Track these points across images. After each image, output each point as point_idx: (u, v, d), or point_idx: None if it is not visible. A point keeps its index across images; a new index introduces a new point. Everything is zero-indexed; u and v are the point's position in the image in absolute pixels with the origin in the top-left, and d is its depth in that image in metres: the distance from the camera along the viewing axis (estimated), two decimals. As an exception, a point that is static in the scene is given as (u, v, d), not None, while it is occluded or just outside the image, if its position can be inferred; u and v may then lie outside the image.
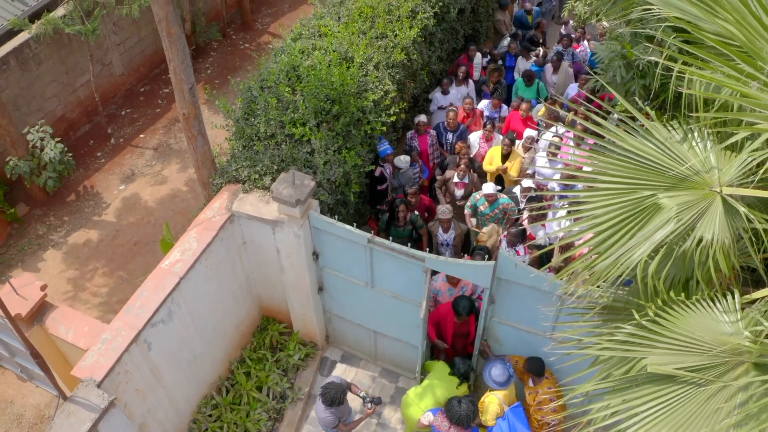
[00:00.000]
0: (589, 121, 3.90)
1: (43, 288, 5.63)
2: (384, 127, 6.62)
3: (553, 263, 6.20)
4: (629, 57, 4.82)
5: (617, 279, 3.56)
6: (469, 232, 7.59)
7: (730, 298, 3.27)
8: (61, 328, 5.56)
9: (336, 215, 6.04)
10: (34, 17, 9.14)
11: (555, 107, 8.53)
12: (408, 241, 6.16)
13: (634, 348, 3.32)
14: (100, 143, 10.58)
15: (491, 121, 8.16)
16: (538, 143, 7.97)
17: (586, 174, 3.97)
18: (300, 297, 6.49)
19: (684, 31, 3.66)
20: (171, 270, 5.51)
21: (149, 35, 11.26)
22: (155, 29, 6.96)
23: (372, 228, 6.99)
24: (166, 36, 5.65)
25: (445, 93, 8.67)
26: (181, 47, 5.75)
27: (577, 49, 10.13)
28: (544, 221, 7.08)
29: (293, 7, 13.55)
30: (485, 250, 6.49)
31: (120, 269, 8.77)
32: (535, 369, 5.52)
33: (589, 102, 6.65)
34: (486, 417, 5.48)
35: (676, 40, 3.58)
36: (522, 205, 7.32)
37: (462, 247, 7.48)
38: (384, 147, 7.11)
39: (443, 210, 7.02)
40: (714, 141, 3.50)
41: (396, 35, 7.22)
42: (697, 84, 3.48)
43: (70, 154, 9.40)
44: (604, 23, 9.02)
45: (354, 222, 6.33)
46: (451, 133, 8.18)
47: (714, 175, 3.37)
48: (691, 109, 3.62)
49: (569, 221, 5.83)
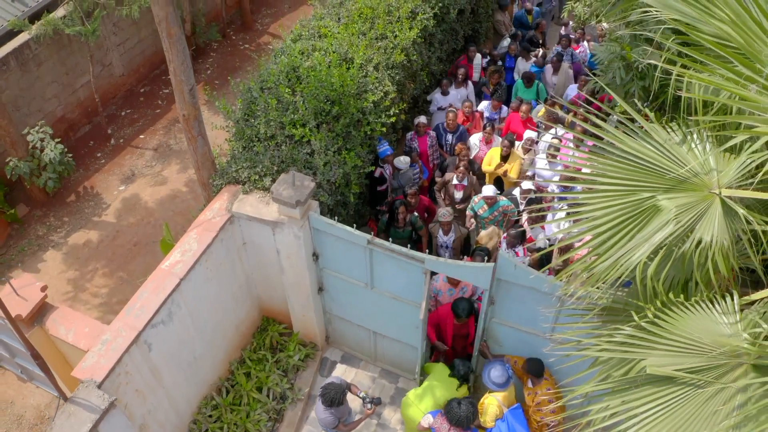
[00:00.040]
0: (589, 123, 3.91)
1: (44, 289, 5.64)
2: (384, 128, 6.62)
3: (553, 264, 6.20)
4: (628, 59, 4.83)
5: (616, 280, 3.57)
6: (469, 235, 7.60)
7: (729, 299, 3.27)
8: (62, 329, 5.58)
9: (336, 216, 6.05)
10: (34, 18, 9.15)
11: (555, 109, 8.53)
12: (408, 242, 6.18)
13: (633, 349, 3.33)
14: (100, 144, 10.59)
15: (491, 123, 8.16)
16: (537, 145, 7.97)
17: (585, 176, 3.98)
18: (300, 298, 6.49)
19: (683, 34, 3.67)
20: (171, 271, 5.51)
21: (149, 36, 11.26)
22: (155, 30, 6.97)
23: (372, 229, 6.99)
24: (166, 37, 5.66)
25: (445, 94, 8.67)
26: (181, 48, 5.76)
27: (577, 50, 10.13)
28: (543, 223, 7.09)
29: (293, 8, 13.55)
30: (485, 251, 6.49)
31: (120, 270, 8.78)
32: (535, 370, 5.53)
33: (589, 104, 6.66)
34: (485, 418, 5.48)
35: (674, 42, 3.59)
36: (522, 207, 7.32)
37: (461, 250, 7.48)
38: (384, 148, 7.11)
39: (444, 213, 7.01)
40: (713, 143, 3.51)
41: (396, 36, 7.23)
42: (696, 87, 3.49)
43: (70, 154, 9.41)
44: (603, 24, 9.02)
45: (354, 223, 6.33)
46: (451, 134, 8.18)
47: (713, 177, 3.38)
48: (691, 112, 3.63)
49: (569, 223, 5.84)
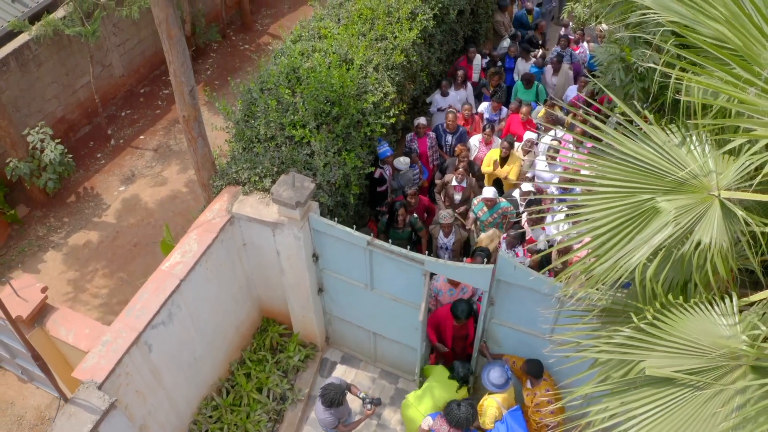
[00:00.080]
0: (588, 125, 3.92)
1: (44, 290, 5.64)
2: (384, 129, 6.62)
3: (554, 265, 6.21)
4: (628, 60, 4.83)
5: (616, 282, 3.57)
6: (469, 238, 7.60)
7: (728, 301, 3.28)
8: (62, 330, 5.58)
9: (336, 217, 6.05)
10: (34, 19, 9.15)
11: (554, 110, 8.53)
12: (407, 243, 6.19)
13: (632, 351, 3.33)
14: (100, 144, 10.59)
15: (491, 125, 8.16)
16: (537, 146, 7.97)
17: (584, 177, 3.98)
18: (300, 298, 6.50)
19: (682, 36, 3.67)
20: (171, 272, 5.52)
21: (149, 36, 11.26)
22: (155, 30, 6.96)
23: (372, 229, 7.00)
24: (166, 38, 5.66)
25: (444, 95, 8.67)
26: (182, 49, 5.76)
27: (577, 51, 10.13)
28: (543, 224, 7.09)
29: (293, 8, 13.56)
30: (486, 251, 6.49)
31: (120, 270, 8.78)
32: (534, 371, 5.53)
33: (588, 105, 6.67)
34: (484, 419, 5.48)
35: (674, 44, 3.60)
36: (521, 209, 7.32)
37: (461, 252, 7.49)
38: (384, 149, 7.12)
39: (445, 215, 7.01)
40: (712, 145, 3.52)
41: (396, 37, 7.23)
42: (695, 89, 3.49)
43: (70, 155, 9.42)
44: (602, 26, 9.02)
45: (354, 223, 6.34)
46: (451, 135, 8.19)
47: (712, 179, 3.39)
48: (690, 114, 3.63)
49: (568, 225, 5.84)
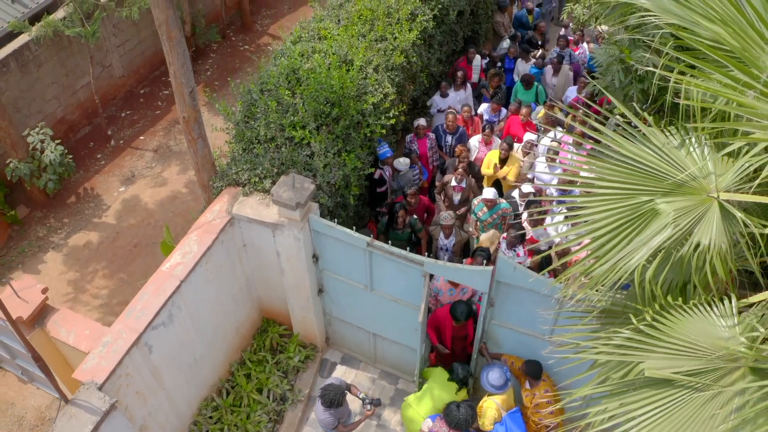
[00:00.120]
0: (587, 126, 3.92)
1: (44, 291, 5.65)
2: (383, 130, 6.63)
3: (554, 266, 6.22)
4: (627, 62, 4.84)
5: (615, 283, 3.58)
6: (469, 240, 7.61)
7: (727, 302, 3.29)
8: (62, 331, 5.59)
9: (336, 218, 6.06)
10: (34, 19, 9.16)
11: (554, 111, 8.54)
12: (407, 244, 6.19)
13: (631, 352, 3.34)
14: (100, 145, 10.60)
15: (490, 125, 8.16)
16: (537, 148, 7.98)
17: (584, 179, 3.99)
18: (300, 299, 6.51)
19: (681, 38, 3.68)
20: (171, 273, 5.53)
21: (149, 37, 11.27)
22: (155, 31, 6.98)
23: (371, 230, 7.00)
24: (166, 40, 5.67)
25: (444, 96, 8.68)
26: (182, 51, 5.77)
27: (576, 52, 10.14)
28: (544, 226, 7.10)
29: (293, 9, 13.56)
30: (486, 252, 6.50)
31: (120, 271, 8.79)
32: (533, 372, 5.54)
33: (588, 107, 6.67)
34: (483, 421, 5.49)
35: (673, 46, 3.60)
36: (521, 209, 7.33)
37: (461, 254, 7.49)
38: (384, 150, 7.13)
39: (445, 216, 7.02)
40: (711, 147, 3.52)
41: (395, 38, 7.24)
42: (694, 92, 3.50)
43: (70, 156, 9.42)
44: (602, 27, 9.02)
45: (354, 224, 6.35)
46: (451, 136, 8.19)
47: (711, 181, 3.39)
48: (689, 116, 3.64)
49: (567, 226, 5.85)
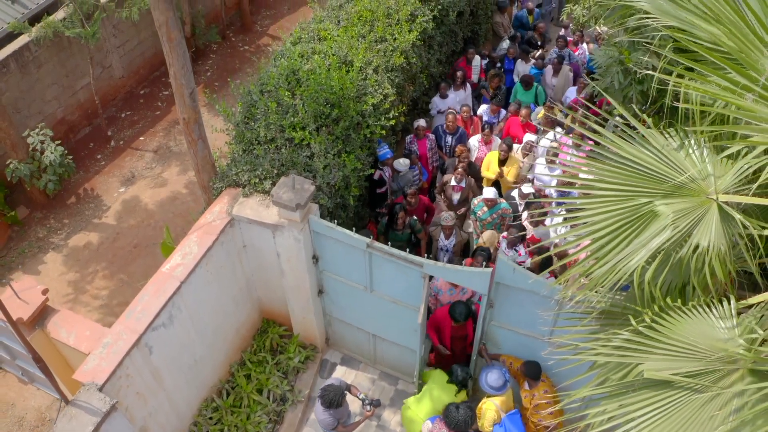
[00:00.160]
0: (586, 128, 3.93)
1: (45, 292, 5.65)
2: (383, 131, 6.64)
3: (555, 266, 6.23)
4: (627, 63, 4.84)
5: (615, 285, 3.59)
6: (470, 240, 7.61)
7: (726, 304, 3.30)
8: (63, 332, 5.59)
9: (336, 219, 6.07)
10: (33, 20, 9.17)
11: (554, 112, 8.54)
12: (407, 245, 6.20)
13: (630, 353, 3.35)
14: (100, 146, 10.60)
15: (490, 126, 8.17)
16: (536, 149, 7.98)
17: (583, 181, 4.00)
18: (300, 300, 6.51)
19: (680, 41, 3.69)
20: (172, 274, 5.53)
21: (149, 38, 11.27)
22: (155, 32, 6.97)
23: (371, 231, 7.01)
24: (166, 41, 5.67)
25: (443, 97, 8.68)
26: (182, 52, 5.77)
27: (576, 53, 10.14)
28: (548, 227, 7.10)
29: (292, 9, 13.57)
30: (487, 251, 6.51)
31: (120, 272, 8.79)
32: (532, 373, 5.54)
33: (587, 108, 6.68)
34: (483, 422, 5.49)
35: (672, 49, 3.61)
36: (521, 209, 7.33)
37: (461, 254, 7.50)
38: (384, 151, 7.13)
39: (446, 216, 7.02)
40: (711, 149, 3.53)
41: (395, 39, 7.25)
42: (694, 95, 3.50)
43: (70, 156, 9.43)
44: (602, 28, 9.03)
45: (354, 225, 6.35)
46: (451, 136, 8.20)
47: (710, 183, 3.40)
48: (688, 117, 3.65)
49: (567, 228, 5.86)
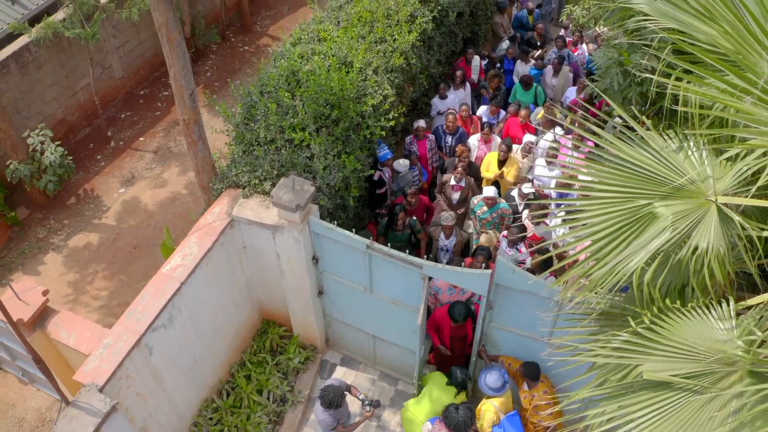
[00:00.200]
0: (585, 129, 3.94)
1: (45, 293, 5.66)
2: (383, 132, 6.64)
3: (555, 267, 6.22)
4: (626, 64, 4.85)
5: (614, 286, 3.60)
6: (470, 240, 7.62)
7: (725, 305, 3.31)
8: (63, 332, 5.60)
9: (335, 219, 6.07)
10: (33, 21, 9.17)
11: (553, 112, 8.54)
12: (406, 246, 6.21)
13: (630, 355, 3.36)
14: (100, 146, 10.61)
15: (489, 126, 8.18)
16: (536, 149, 7.99)
17: (583, 182, 4.01)
18: (300, 301, 6.52)
19: (680, 43, 3.69)
20: (172, 275, 5.54)
21: (149, 38, 11.28)
22: (155, 32, 6.99)
23: (371, 232, 7.02)
24: (166, 42, 5.68)
25: (443, 98, 8.69)
26: (182, 53, 5.78)
27: (575, 53, 10.15)
28: (550, 227, 7.10)
29: (292, 10, 13.58)
30: (487, 251, 6.51)
31: (120, 272, 8.80)
32: (531, 374, 5.54)
33: (586, 110, 6.69)
34: (482, 423, 5.49)
35: (671, 51, 3.62)
36: (521, 209, 7.34)
37: (461, 254, 7.50)
38: (383, 152, 7.13)
39: (446, 216, 7.03)
40: (710, 152, 3.54)
41: (395, 39, 7.25)
42: (693, 97, 3.51)
43: (70, 157, 9.43)
44: (601, 28, 9.03)
45: (353, 226, 6.35)
46: (451, 136, 8.21)
47: (709, 185, 3.41)
48: (688, 119, 3.65)
49: (566, 229, 5.86)
